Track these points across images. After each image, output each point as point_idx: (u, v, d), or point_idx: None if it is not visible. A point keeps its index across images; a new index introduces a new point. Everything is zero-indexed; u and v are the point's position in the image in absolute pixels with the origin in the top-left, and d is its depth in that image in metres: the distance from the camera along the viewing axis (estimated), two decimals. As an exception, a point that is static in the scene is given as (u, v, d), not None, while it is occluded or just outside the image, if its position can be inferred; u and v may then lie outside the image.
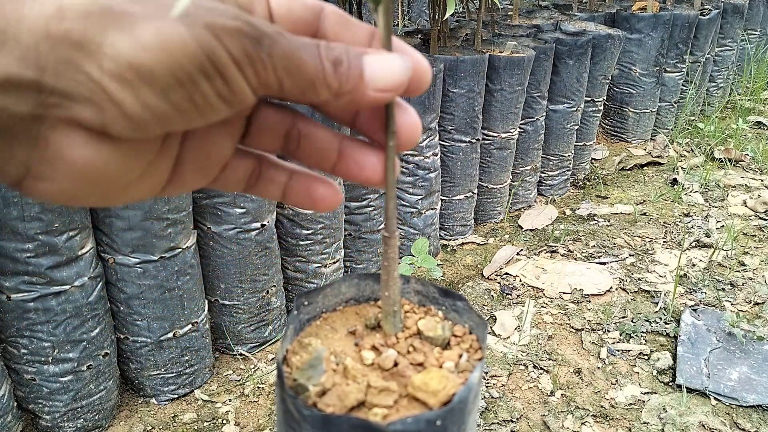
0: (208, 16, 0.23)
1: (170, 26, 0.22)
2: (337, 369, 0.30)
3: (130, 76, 0.22)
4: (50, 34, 0.21)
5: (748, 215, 2.09)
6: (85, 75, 0.22)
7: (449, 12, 1.51)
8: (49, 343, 1.10)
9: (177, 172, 0.28)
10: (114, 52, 0.21)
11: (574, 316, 1.57)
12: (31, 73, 0.21)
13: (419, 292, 0.35)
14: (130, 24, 0.22)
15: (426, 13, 4.17)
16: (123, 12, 0.22)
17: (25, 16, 0.21)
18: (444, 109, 1.75)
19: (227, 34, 0.23)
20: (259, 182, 0.31)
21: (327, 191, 0.31)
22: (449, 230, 1.95)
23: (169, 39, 0.22)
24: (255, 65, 0.23)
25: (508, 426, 1.24)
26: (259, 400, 1.32)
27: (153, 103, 0.22)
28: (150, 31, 0.22)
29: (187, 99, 0.23)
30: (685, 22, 2.51)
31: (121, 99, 0.22)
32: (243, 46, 0.23)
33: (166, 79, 0.22)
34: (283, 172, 0.31)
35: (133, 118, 0.22)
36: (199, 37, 0.22)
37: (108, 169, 0.24)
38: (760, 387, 1.31)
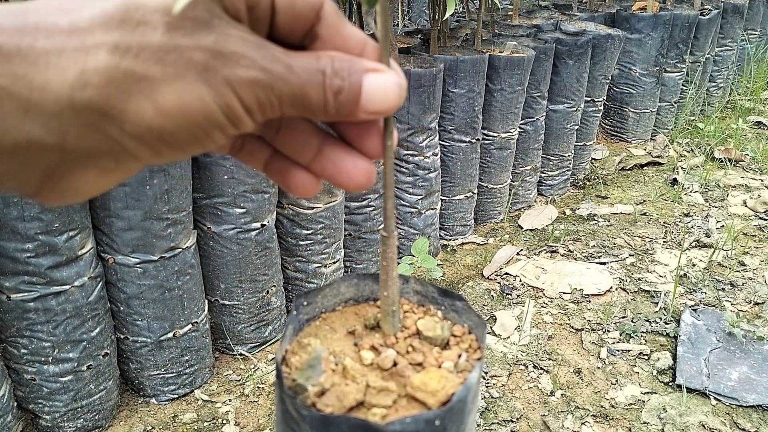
0: (226, 68, 0.23)
1: (190, 88, 0.23)
2: (336, 369, 0.30)
3: (149, 138, 0.23)
4: (74, 104, 0.22)
5: (748, 215, 2.09)
6: (107, 135, 0.23)
7: (449, 12, 1.51)
8: (49, 343, 1.10)
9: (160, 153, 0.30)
10: (136, 118, 0.22)
11: (574, 316, 1.57)
12: (54, 138, 0.22)
13: (418, 292, 0.35)
14: (151, 89, 0.22)
15: (426, 13, 4.17)
16: (145, 76, 0.22)
17: (49, 82, 0.21)
18: (444, 109, 1.75)
19: (243, 86, 0.24)
20: (242, 153, 0.31)
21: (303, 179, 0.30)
22: (449, 230, 1.95)
23: (189, 103, 0.23)
24: (264, 109, 0.25)
25: (508, 426, 1.24)
26: (259, 400, 1.32)
27: (167, 154, 0.24)
28: (171, 96, 0.23)
29: (198, 145, 0.25)
30: (685, 22, 2.51)
31: (138, 154, 0.24)
32: (257, 97, 0.24)
33: (184, 138, 0.24)
34: (265, 150, 0.31)
35: (145, 164, 0.25)
36: (217, 95, 0.23)
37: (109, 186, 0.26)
38: (760, 387, 1.31)
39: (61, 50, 0.22)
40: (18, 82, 0.21)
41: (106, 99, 0.22)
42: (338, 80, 0.25)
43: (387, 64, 0.27)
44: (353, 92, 0.26)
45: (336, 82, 0.25)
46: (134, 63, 0.22)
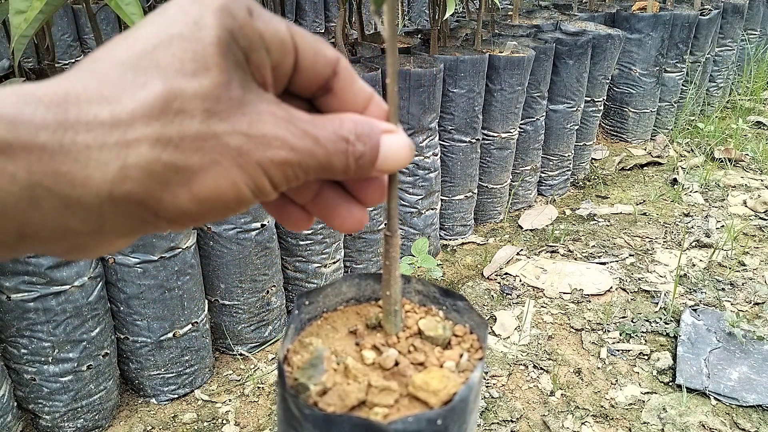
0: (258, 151, 0.25)
1: (225, 174, 0.24)
2: (338, 368, 0.30)
3: (183, 221, 0.25)
4: (113, 197, 0.23)
5: (748, 215, 2.09)
6: (142, 220, 0.24)
7: (449, 12, 1.51)
8: (49, 343, 1.10)
9: None
10: (171, 206, 0.24)
11: (574, 316, 1.57)
12: (90, 227, 0.23)
13: (420, 292, 0.35)
14: (188, 178, 0.23)
15: (426, 13, 4.17)
16: (184, 167, 0.23)
17: (90, 178, 0.22)
18: (444, 109, 1.75)
19: (275, 167, 0.25)
20: None
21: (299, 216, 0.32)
22: (449, 230, 1.95)
23: (223, 189, 0.24)
24: (290, 182, 0.26)
25: (508, 426, 1.24)
26: (259, 400, 1.32)
27: (192, 225, 0.26)
28: (207, 183, 0.24)
29: (219, 217, 0.26)
30: (685, 22, 2.51)
31: (169, 229, 0.25)
32: (286, 174, 0.25)
33: (212, 217, 0.25)
34: None
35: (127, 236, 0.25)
36: (249, 179, 0.25)
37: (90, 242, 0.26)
38: (760, 387, 1.31)
39: (102, 145, 0.22)
40: (60, 180, 0.22)
41: (145, 191, 0.23)
42: (360, 146, 0.27)
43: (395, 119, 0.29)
44: (372, 155, 0.28)
45: (359, 149, 0.27)
46: (174, 155, 0.23)
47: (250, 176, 0.25)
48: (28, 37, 0.90)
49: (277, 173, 0.25)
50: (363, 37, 1.92)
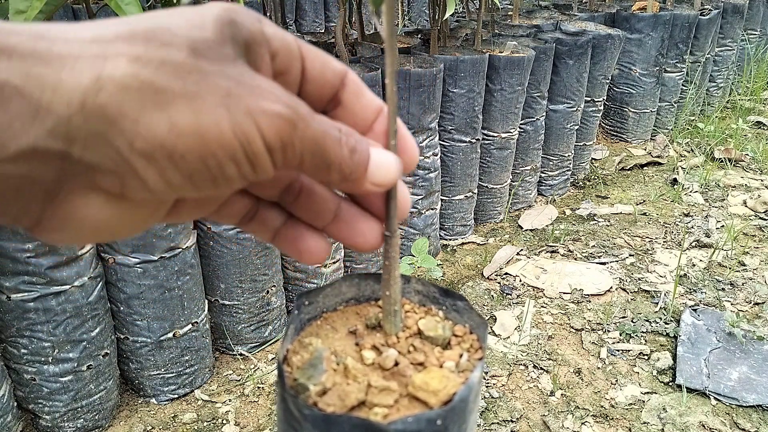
0: (250, 98, 0.23)
1: (209, 110, 0.22)
2: (337, 368, 0.30)
3: (158, 156, 0.22)
4: (85, 108, 0.21)
5: (748, 215, 2.09)
6: (115, 150, 0.21)
7: (449, 12, 1.51)
8: (49, 343, 1.10)
9: (177, 208, 0.28)
10: (147, 133, 0.21)
11: (574, 316, 1.57)
12: (60, 145, 0.21)
13: (420, 292, 0.35)
14: (168, 103, 0.21)
15: (426, 13, 4.17)
16: (163, 89, 0.21)
17: (62, 83, 0.20)
18: (444, 109, 1.75)
19: (267, 118, 0.23)
20: (253, 222, 0.31)
21: (315, 244, 0.31)
22: (449, 230, 1.95)
23: (206, 126, 0.22)
24: (286, 149, 0.24)
25: (508, 426, 1.24)
26: (259, 400, 1.32)
27: (176, 181, 0.23)
28: (188, 115, 0.22)
29: (210, 179, 0.23)
30: (685, 22, 2.51)
31: (145, 176, 0.22)
32: (279, 133, 0.23)
33: (195, 164, 0.22)
34: (278, 218, 0.31)
35: (153, 190, 0.23)
36: (237, 125, 0.22)
37: (117, 221, 0.24)
38: (760, 387, 1.31)
39: (78, 56, 0.21)
40: (30, 81, 0.20)
41: (119, 107, 0.21)
42: (352, 140, 0.26)
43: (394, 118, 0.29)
44: (364, 156, 0.27)
45: (351, 141, 0.26)
46: (154, 75, 0.21)
47: (236, 121, 0.22)
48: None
49: (270, 127, 0.23)
50: (363, 37, 1.92)
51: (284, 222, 0.31)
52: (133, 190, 0.23)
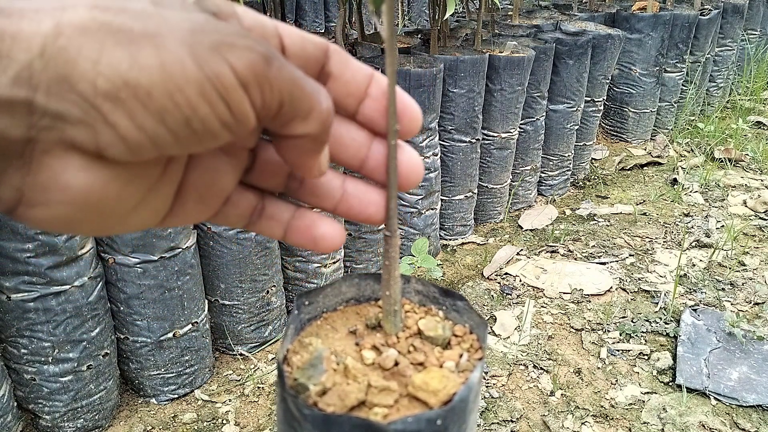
0: (215, 35, 0.22)
1: (172, 46, 0.21)
2: (337, 368, 0.30)
3: (124, 96, 0.21)
4: (45, 52, 0.20)
5: (748, 215, 2.09)
6: (78, 94, 0.20)
7: (449, 12, 1.51)
8: (49, 343, 1.10)
9: (179, 202, 0.27)
10: (109, 71, 0.20)
11: (574, 316, 1.57)
12: (23, 93, 0.20)
13: (420, 292, 0.35)
14: (128, 41, 0.21)
15: (426, 13, 4.17)
16: (122, 28, 0.21)
17: (22, 31, 0.20)
18: (444, 109, 1.75)
19: (236, 51, 0.22)
20: (261, 219, 0.30)
21: (330, 229, 0.30)
22: (449, 230, 1.95)
23: (169, 61, 0.21)
24: (262, 87, 0.23)
25: (508, 426, 1.24)
26: (259, 400, 1.32)
27: (148, 126, 0.21)
28: (149, 50, 0.21)
29: (184, 123, 0.22)
30: (685, 22, 2.51)
31: (115, 120, 0.21)
32: (252, 65, 0.22)
33: (162, 101, 0.21)
34: (286, 210, 0.31)
35: (128, 141, 0.22)
36: (202, 59, 0.21)
37: (105, 194, 0.23)
38: (760, 387, 1.31)
39: (38, 8, 0.21)
40: None
41: (78, 48, 0.20)
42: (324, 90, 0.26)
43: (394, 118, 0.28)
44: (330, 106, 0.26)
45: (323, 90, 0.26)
46: (114, 17, 0.21)
47: (202, 56, 0.21)
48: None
49: (242, 62, 0.22)
50: (363, 37, 1.92)
51: (293, 214, 0.31)
52: (108, 144, 0.22)
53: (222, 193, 0.29)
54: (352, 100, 0.28)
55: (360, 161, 0.30)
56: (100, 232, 0.25)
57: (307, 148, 0.26)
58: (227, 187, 0.29)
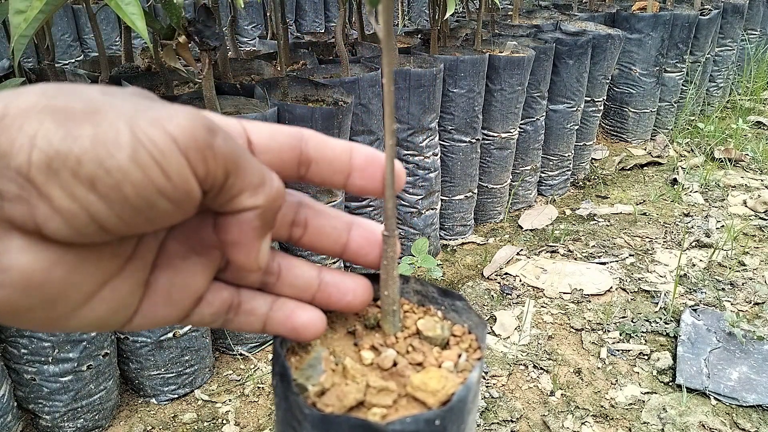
0: (159, 112, 0.21)
1: (110, 119, 0.21)
2: (336, 369, 0.30)
3: (56, 166, 0.20)
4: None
5: (748, 215, 2.09)
6: (15, 170, 0.20)
7: (449, 12, 1.51)
8: (49, 343, 1.10)
9: (147, 302, 0.27)
10: (43, 143, 0.20)
11: (574, 316, 1.57)
12: None
13: (418, 292, 0.35)
14: (67, 118, 0.20)
15: (426, 13, 4.17)
16: (65, 108, 0.21)
17: None
18: (444, 109, 1.75)
19: (176, 121, 0.21)
20: (239, 315, 0.30)
21: (310, 316, 0.30)
22: (449, 230, 1.95)
23: (103, 130, 0.20)
24: (204, 153, 0.22)
25: (508, 426, 1.24)
26: (259, 400, 1.32)
27: (80, 195, 0.20)
28: (86, 124, 0.20)
29: (115, 190, 0.21)
30: (685, 22, 2.51)
31: (48, 192, 0.20)
32: (193, 133, 0.21)
33: (92, 167, 0.20)
34: (264, 303, 0.30)
35: (62, 213, 0.21)
36: (138, 128, 0.21)
37: (49, 277, 0.22)
38: (760, 387, 1.31)
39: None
40: None
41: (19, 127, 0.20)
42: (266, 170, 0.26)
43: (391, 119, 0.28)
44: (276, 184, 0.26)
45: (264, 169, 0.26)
46: (58, 100, 0.21)
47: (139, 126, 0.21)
48: (28, 37, 0.90)
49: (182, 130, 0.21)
50: (363, 37, 1.92)
51: (271, 306, 0.30)
52: (45, 219, 0.21)
53: (195, 293, 0.28)
54: (339, 177, 0.29)
55: (341, 247, 0.30)
56: (51, 325, 0.24)
57: (253, 225, 0.25)
58: (199, 287, 0.28)
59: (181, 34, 1.03)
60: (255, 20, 3.38)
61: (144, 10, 0.90)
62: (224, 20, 1.93)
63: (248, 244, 0.26)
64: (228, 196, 0.24)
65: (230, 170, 0.23)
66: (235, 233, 0.25)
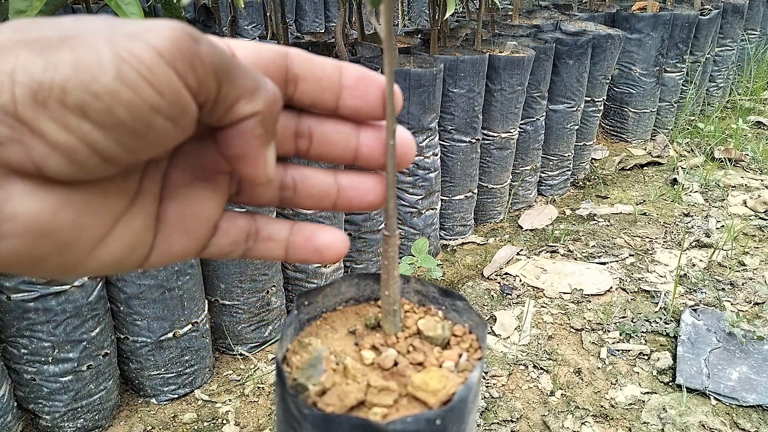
0: (137, 25, 0.20)
1: (88, 41, 0.20)
2: (337, 368, 0.30)
3: (42, 99, 0.19)
4: None
5: (748, 215, 2.09)
6: (1, 110, 0.19)
7: (449, 12, 1.51)
8: (49, 343, 1.10)
9: (161, 237, 0.26)
10: (24, 78, 0.19)
11: (574, 316, 1.57)
12: None
13: (419, 292, 0.35)
14: (43, 47, 0.20)
15: (426, 13, 4.17)
16: (38, 38, 0.20)
17: None
18: (444, 109, 1.75)
19: (157, 31, 0.20)
20: (258, 243, 0.29)
21: (331, 237, 0.29)
22: (449, 230, 1.95)
23: (83, 53, 0.19)
24: (192, 62, 0.21)
25: (508, 426, 1.24)
26: (259, 400, 1.32)
27: (74, 125, 0.20)
28: (64, 50, 0.19)
29: (108, 114, 0.20)
30: (685, 22, 2.51)
31: (40, 127, 0.19)
32: (177, 41, 0.20)
33: (78, 94, 0.19)
34: (282, 228, 0.29)
35: (61, 148, 0.20)
36: (118, 45, 0.20)
37: (59, 222, 0.21)
38: (760, 387, 1.31)
39: None
40: None
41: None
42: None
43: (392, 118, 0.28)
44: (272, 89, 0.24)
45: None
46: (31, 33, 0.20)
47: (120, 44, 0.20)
48: (28, 37, 0.90)
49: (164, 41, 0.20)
50: (363, 37, 1.92)
51: (290, 230, 0.29)
52: (43, 157, 0.20)
53: (207, 222, 0.27)
54: (329, 95, 0.27)
55: (352, 153, 0.29)
56: (67, 270, 0.23)
57: (255, 133, 0.24)
58: (212, 215, 0.27)
59: (181, 34, 1.03)
60: (255, 20, 3.38)
61: (144, 10, 0.90)
62: (224, 20, 1.93)
63: (254, 154, 0.24)
64: (225, 107, 0.23)
65: (222, 78, 0.22)
66: (238, 145, 0.24)
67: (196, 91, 0.21)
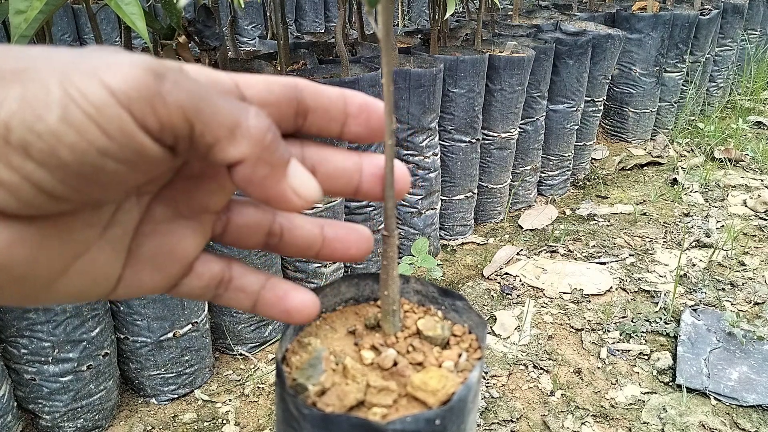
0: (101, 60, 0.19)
1: (41, 76, 0.19)
2: (336, 368, 0.30)
3: None
4: None
5: (748, 215, 2.09)
6: None
7: (449, 12, 1.51)
8: (49, 343, 1.10)
9: (130, 269, 0.25)
10: None
11: (574, 316, 1.57)
12: None
13: (419, 292, 0.35)
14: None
15: (426, 13, 4.17)
16: None
17: None
18: (444, 109, 1.75)
19: (114, 69, 0.19)
20: (229, 291, 0.28)
21: (302, 300, 0.28)
22: (449, 230, 1.95)
23: (31, 89, 0.18)
24: (153, 102, 0.19)
25: (508, 426, 1.24)
26: (259, 400, 1.32)
27: (17, 164, 0.19)
28: (14, 84, 0.19)
29: (50, 155, 0.19)
30: (685, 22, 2.51)
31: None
32: (134, 81, 0.19)
33: (21, 132, 0.18)
34: (256, 281, 0.29)
35: (6, 187, 0.19)
36: (69, 82, 0.18)
37: (14, 257, 0.20)
38: (760, 387, 1.31)
39: None
40: None
41: None
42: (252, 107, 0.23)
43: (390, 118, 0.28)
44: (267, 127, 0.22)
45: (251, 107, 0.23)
46: None
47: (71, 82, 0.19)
48: (28, 38, 0.90)
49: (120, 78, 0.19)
50: (363, 37, 1.92)
51: (263, 284, 0.29)
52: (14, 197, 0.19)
53: (183, 261, 0.27)
54: (335, 125, 0.27)
55: (354, 188, 0.29)
56: (27, 300, 0.23)
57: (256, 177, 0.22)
58: (189, 255, 0.27)
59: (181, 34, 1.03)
60: (255, 20, 3.38)
61: (144, 10, 0.90)
62: (224, 20, 1.93)
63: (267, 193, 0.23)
64: (204, 146, 0.21)
65: (191, 117, 0.20)
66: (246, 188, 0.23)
67: (157, 133, 0.20)
